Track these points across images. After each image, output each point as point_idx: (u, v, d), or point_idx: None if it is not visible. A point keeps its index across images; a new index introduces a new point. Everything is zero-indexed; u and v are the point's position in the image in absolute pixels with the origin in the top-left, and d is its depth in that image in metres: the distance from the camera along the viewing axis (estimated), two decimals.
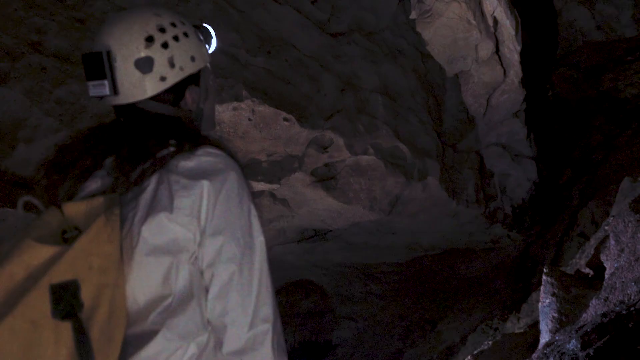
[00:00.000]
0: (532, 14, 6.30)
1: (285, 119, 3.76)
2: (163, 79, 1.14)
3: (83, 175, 1.10)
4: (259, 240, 1.11)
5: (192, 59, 1.18)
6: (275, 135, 3.84)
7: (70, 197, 1.08)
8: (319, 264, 5.95)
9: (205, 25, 1.28)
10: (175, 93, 1.19)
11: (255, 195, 4.40)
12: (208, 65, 1.27)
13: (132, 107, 1.16)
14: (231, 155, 1.16)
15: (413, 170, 4.57)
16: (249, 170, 3.92)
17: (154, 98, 1.15)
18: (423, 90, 4.80)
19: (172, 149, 1.10)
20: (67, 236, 0.95)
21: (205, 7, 3.62)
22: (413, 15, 4.24)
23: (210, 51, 1.28)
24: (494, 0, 4.05)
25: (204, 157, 1.10)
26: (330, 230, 5.26)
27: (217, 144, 1.16)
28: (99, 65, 1.11)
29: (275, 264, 1.13)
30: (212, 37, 1.29)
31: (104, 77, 1.11)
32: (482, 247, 5.90)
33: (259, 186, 4.05)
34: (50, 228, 0.95)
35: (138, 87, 1.13)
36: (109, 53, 1.11)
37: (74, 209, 0.99)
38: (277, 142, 3.89)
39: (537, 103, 6.00)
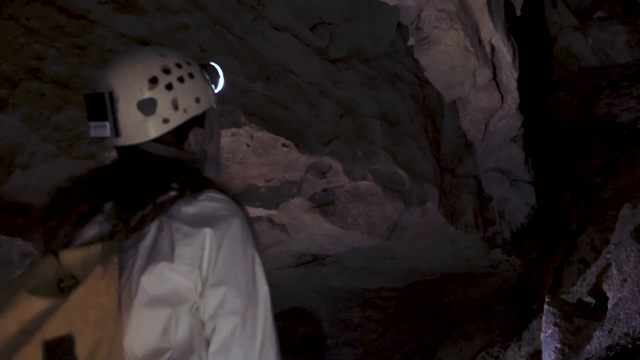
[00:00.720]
0: (529, 40, 6.37)
1: (284, 145, 3.75)
2: (166, 121, 1.12)
3: (81, 220, 1.07)
4: (263, 290, 1.07)
5: (197, 100, 1.17)
6: (274, 161, 3.83)
7: (67, 244, 1.05)
8: (316, 289, 5.89)
9: (212, 64, 1.27)
10: (178, 135, 1.17)
11: (253, 221, 4.38)
12: (214, 105, 1.25)
13: (134, 148, 1.14)
14: (234, 199, 1.13)
15: (412, 196, 4.56)
16: (247, 196, 3.90)
17: (157, 140, 1.13)
18: (421, 116, 4.82)
19: (173, 193, 1.07)
20: (63, 285, 0.92)
21: (205, 34, 3.64)
22: (411, 42, 4.28)
23: (217, 90, 1.26)
24: (491, 28, 4.09)
25: (207, 203, 1.07)
26: (329, 255, 5.22)
27: (221, 188, 1.13)
28: (100, 106, 1.10)
29: (272, 290, 1.10)
30: (219, 77, 1.27)
31: (105, 119, 1.10)
32: (481, 272, 5.86)
33: (257, 212, 4.03)
34: (45, 277, 0.92)
35: (140, 129, 1.11)
36: (111, 94, 1.10)
37: (71, 257, 0.96)
38: (276, 168, 3.88)
39: (534, 128, 6.02)
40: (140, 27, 3.49)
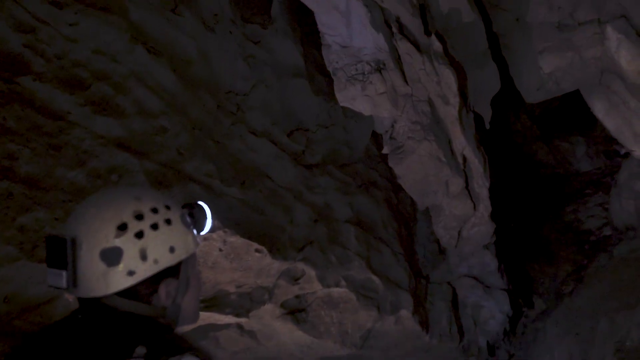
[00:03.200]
0: (497, 150, 6.64)
1: (257, 250, 3.68)
2: (131, 273, 1.02)
3: None
4: None
5: (171, 250, 1.07)
6: (246, 267, 3.73)
7: None
8: None
9: (200, 203, 1.20)
10: (146, 287, 1.05)
11: (221, 328, 4.17)
12: (195, 251, 1.15)
13: (96, 301, 1.02)
14: None
15: (386, 303, 4.46)
16: (216, 302, 3.75)
17: (121, 293, 1.02)
18: (395, 221, 4.84)
19: None
20: None
21: (183, 138, 3.67)
22: (385, 151, 4.39)
23: (203, 233, 1.19)
24: (462, 140, 4.25)
25: None
26: None
27: (197, 353, 1.01)
28: (60, 253, 1.00)
29: None
30: (206, 218, 1.20)
31: (63, 267, 1.00)
32: None
33: (226, 319, 3.86)
34: None
35: (101, 281, 1.00)
36: (74, 240, 1.00)
37: None
38: (248, 274, 3.77)
39: (506, 234, 6.11)
40: (119, 129, 3.50)
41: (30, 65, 3.14)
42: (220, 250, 3.61)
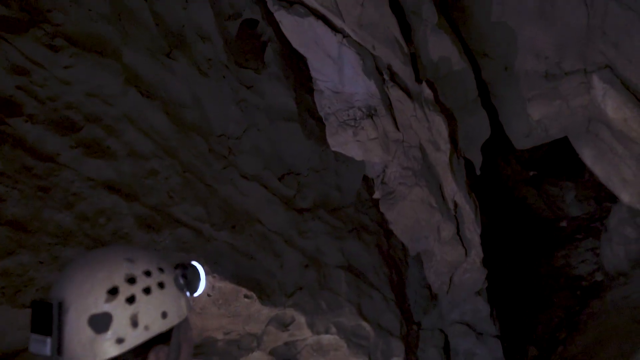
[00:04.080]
0: (488, 195, 6.67)
1: (246, 296, 3.61)
2: (120, 341, 0.96)
3: None
4: None
5: (164, 315, 1.02)
6: (235, 313, 3.65)
7: None
8: None
9: (194, 263, 1.14)
10: (135, 355, 0.99)
11: None
12: (187, 315, 1.09)
13: None
14: None
15: (376, 351, 4.36)
16: (203, 350, 3.64)
17: None
18: (386, 267, 4.80)
19: None
20: None
21: (174, 181, 3.65)
22: (376, 196, 4.39)
23: (196, 294, 1.12)
24: (453, 185, 4.27)
25: None
26: None
27: None
28: (45, 318, 0.94)
29: None
30: (200, 279, 1.14)
31: (47, 334, 0.94)
32: None
33: None
34: None
35: (87, 349, 0.95)
36: (61, 304, 0.95)
37: None
38: (236, 320, 3.69)
39: (498, 280, 6.06)
40: (109, 171, 3.48)
41: (23, 107, 3.13)
42: (209, 295, 3.54)
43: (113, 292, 0.97)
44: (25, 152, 3.29)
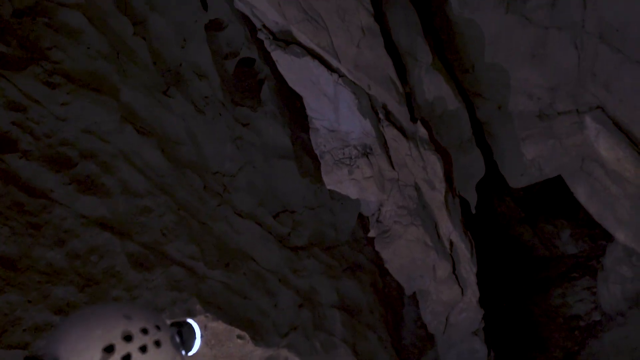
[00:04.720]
0: (483, 233, 6.65)
1: (239, 337, 3.53)
2: None
3: None
4: None
5: None
6: (227, 354, 3.56)
7: None
8: None
9: (189, 321, 1.14)
10: None
11: None
12: None
13: None
14: None
15: None
16: None
17: None
18: (381, 306, 4.73)
19: None
20: None
21: (168, 219, 3.62)
22: (372, 234, 4.37)
23: (191, 353, 1.12)
24: (449, 224, 4.25)
25: None
26: None
27: None
28: None
29: None
30: (195, 338, 1.14)
31: None
32: None
33: None
34: None
35: None
36: None
37: None
38: None
39: (495, 320, 5.97)
40: (102, 208, 3.45)
41: (18, 143, 3.12)
42: (201, 336, 3.45)
43: (109, 349, 0.95)
44: (18, 189, 3.26)
